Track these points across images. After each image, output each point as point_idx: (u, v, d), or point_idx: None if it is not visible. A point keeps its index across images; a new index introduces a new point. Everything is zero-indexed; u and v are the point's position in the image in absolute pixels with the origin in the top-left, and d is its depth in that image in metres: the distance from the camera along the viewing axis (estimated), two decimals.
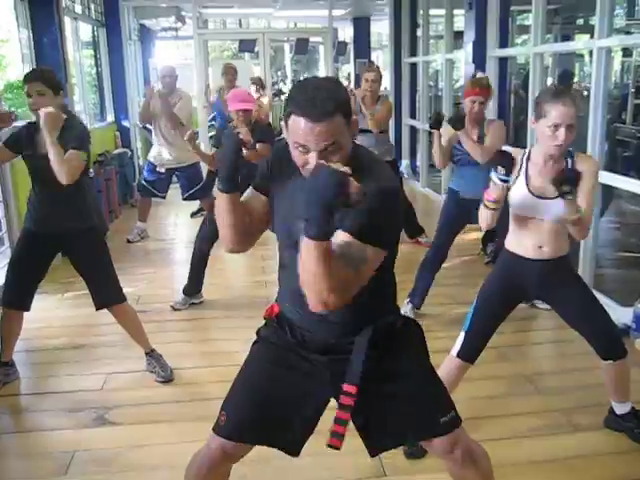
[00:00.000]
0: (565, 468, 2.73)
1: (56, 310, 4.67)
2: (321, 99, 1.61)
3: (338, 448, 1.90)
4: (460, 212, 4.26)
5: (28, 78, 3.21)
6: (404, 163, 9.43)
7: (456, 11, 7.69)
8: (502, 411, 3.18)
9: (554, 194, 2.55)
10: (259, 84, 8.29)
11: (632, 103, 9.51)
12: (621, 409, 2.95)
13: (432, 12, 8.91)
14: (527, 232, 2.74)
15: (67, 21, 7.26)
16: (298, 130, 1.62)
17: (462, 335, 2.82)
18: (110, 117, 8.97)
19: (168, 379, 3.55)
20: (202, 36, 9.39)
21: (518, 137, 6.75)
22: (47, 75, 3.24)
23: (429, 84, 9.30)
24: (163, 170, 6.37)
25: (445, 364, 2.82)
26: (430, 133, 4.86)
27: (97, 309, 3.53)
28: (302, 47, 13.37)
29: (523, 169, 2.68)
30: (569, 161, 2.62)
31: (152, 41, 12.41)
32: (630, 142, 8.27)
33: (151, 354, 3.64)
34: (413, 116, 9.45)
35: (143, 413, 3.23)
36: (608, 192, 5.06)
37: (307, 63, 19.42)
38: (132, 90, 9.37)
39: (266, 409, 1.96)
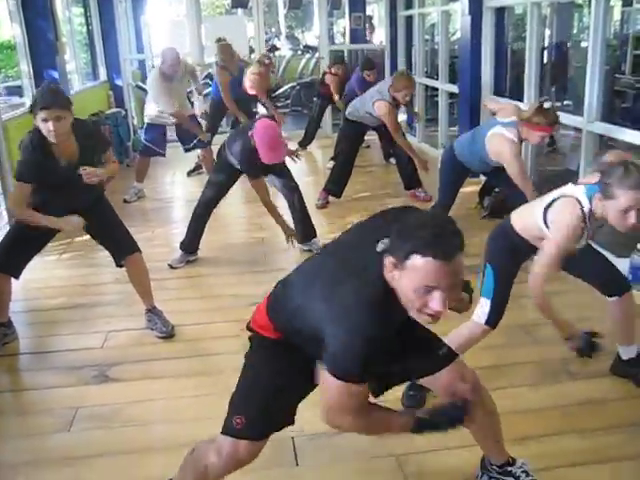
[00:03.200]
0: (565, 415, 2.77)
1: (54, 271, 4.68)
2: (450, 232, 1.57)
3: None
4: (460, 171, 4.36)
5: (45, 106, 3.01)
6: (400, 117, 9.35)
7: None
8: (500, 361, 3.21)
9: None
10: (268, 60, 8.17)
11: (631, 54, 9.40)
12: (627, 353, 2.98)
13: None
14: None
15: None
16: (431, 272, 1.54)
17: (487, 303, 2.80)
18: (102, 76, 8.85)
19: (169, 335, 3.58)
20: None
21: (514, 91, 6.66)
22: (62, 97, 3.13)
23: (425, 38, 9.16)
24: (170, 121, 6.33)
25: (466, 330, 2.84)
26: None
27: (118, 264, 3.57)
28: (296, 1, 13.14)
29: (587, 233, 2.59)
30: None
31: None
32: (628, 93, 8.19)
33: (152, 310, 3.66)
34: (410, 70, 9.32)
35: (143, 370, 3.26)
36: None
37: (302, 18, 19.10)
38: (124, 48, 9.22)
39: (278, 398, 1.97)
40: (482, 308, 2.81)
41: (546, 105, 3.85)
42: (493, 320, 2.81)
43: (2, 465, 2.58)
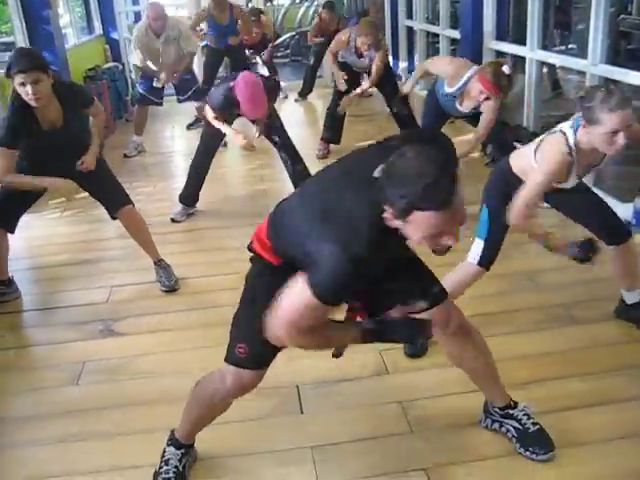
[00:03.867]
0: (568, 359, 2.78)
1: (57, 228, 4.68)
2: (447, 176, 1.50)
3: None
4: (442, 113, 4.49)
5: (20, 69, 2.94)
6: (401, 65, 9.22)
7: None
8: (503, 308, 3.22)
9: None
10: (257, 15, 8.05)
11: None
12: (631, 298, 2.98)
13: None
14: None
15: None
16: (435, 224, 1.51)
17: (480, 243, 2.81)
18: (98, 30, 8.70)
19: (172, 288, 3.59)
20: None
21: (517, 35, 6.51)
22: (37, 59, 3.06)
23: None
24: (160, 85, 6.26)
25: (462, 270, 2.86)
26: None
27: (113, 216, 3.56)
28: None
29: (574, 168, 2.56)
30: None
31: None
32: (634, 34, 8.03)
33: (159, 263, 3.67)
34: (410, 16, 9.13)
35: (150, 323, 3.28)
36: None
37: None
38: (119, 0, 9.04)
39: None
40: (475, 248, 2.82)
41: (504, 68, 3.85)
42: (485, 261, 2.82)
43: (9, 419, 2.62)
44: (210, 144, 4.53)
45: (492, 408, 2.32)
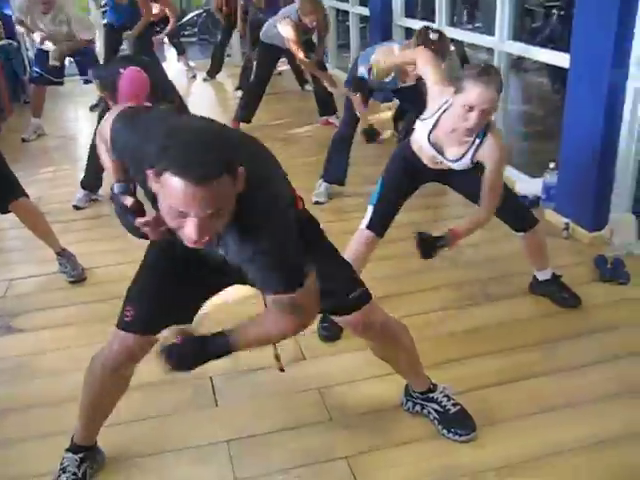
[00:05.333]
0: (484, 337, 2.78)
1: None
2: (204, 156, 1.32)
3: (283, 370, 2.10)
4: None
5: None
6: None
7: None
8: (419, 286, 3.19)
9: (453, 158, 2.56)
10: None
11: None
12: (542, 276, 3.02)
13: None
14: (424, 154, 2.72)
15: None
16: (175, 193, 1.33)
17: (370, 208, 2.81)
18: None
19: (80, 278, 3.40)
20: None
21: (426, 12, 6.53)
22: None
23: None
24: (57, 63, 5.90)
25: (355, 239, 2.83)
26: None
27: (3, 211, 3.27)
28: None
29: (435, 117, 2.54)
30: (477, 141, 2.48)
31: None
32: (537, 11, 8.22)
33: (62, 253, 3.45)
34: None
35: (51, 317, 3.08)
36: None
37: None
38: None
39: (173, 293, 1.87)
40: (366, 215, 2.81)
41: (432, 35, 3.83)
42: (374, 225, 2.78)
43: None
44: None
45: (413, 392, 2.29)
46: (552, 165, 3.90)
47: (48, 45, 5.83)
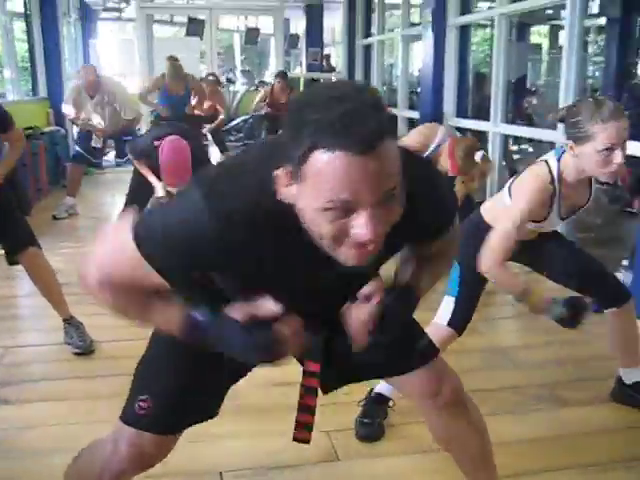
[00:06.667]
0: (556, 446, 2.27)
1: None
2: (363, 114, 0.95)
3: (308, 442, 1.45)
4: None
5: None
6: None
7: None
8: (478, 386, 2.68)
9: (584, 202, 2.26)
10: (213, 85, 7.79)
11: None
12: (631, 377, 2.50)
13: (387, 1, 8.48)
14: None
15: None
16: (336, 175, 0.94)
17: (450, 301, 2.35)
18: (43, 93, 8.28)
19: (87, 350, 3.00)
20: (145, 10, 8.80)
21: (478, 113, 6.34)
22: None
23: (384, 74, 8.88)
24: (99, 145, 5.85)
25: (431, 333, 2.34)
26: None
27: (10, 262, 2.97)
28: (252, 37, 12.87)
29: (556, 202, 2.18)
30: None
31: (94, 21, 11.72)
32: None
33: (70, 321, 3.08)
34: None
35: (44, 390, 2.66)
36: None
37: (259, 55, 18.92)
38: (70, 69, 8.72)
39: (194, 388, 1.44)
40: (445, 307, 2.36)
41: (476, 156, 3.60)
42: (457, 322, 2.34)
43: None
44: (137, 193, 4.06)
45: None
46: (625, 262, 3.47)
47: (92, 126, 5.78)
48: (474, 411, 1.64)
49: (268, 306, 1.13)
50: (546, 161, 2.15)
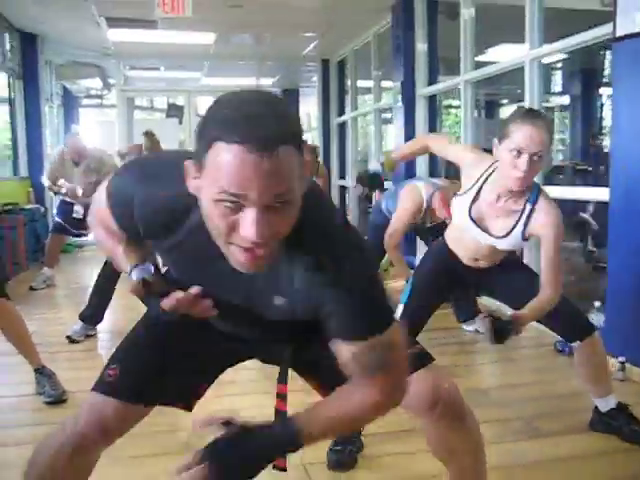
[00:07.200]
0: (537, 474, 2.25)
1: None
2: (267, 117, 1.00)
3: (284, 469, 1.33)
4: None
5: None
6: None
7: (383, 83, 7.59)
8: None
9: (499, 234, 2.23)
10: None
11: None
12: (606, 405, 2.49)
13: (360, 84, 8.81)
14: (463, 244, 2.41)
15: None
16: (229, 167, 0.98)
17: (400, 307, 2.46)
18: (24, 172, 8.39)
19: (58, 399, 2.93)
20: (125, 93, 9.05)
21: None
22: None
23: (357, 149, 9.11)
24: (80, 216, 5.87)
25: None
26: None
27: None
28: None
29: (476, 187, 2.25)
30: (527, 207, 2.16)
31: (75, 108, 12.00)
32: None
33: (41, 370, 3.02)
34: (343, 176, 9.22)
35: (10, 435, 2.59)
36: None
37: None
38: (51, 151, 8.84)
39: (170, 360, 1.46)
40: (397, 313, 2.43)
41: None
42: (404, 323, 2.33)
43: None
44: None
45: None
46: (597, 304, 3.51)
47: (73, 196, 5.81)
48: (472, 425, 1.59)
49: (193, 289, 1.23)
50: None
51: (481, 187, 2.22)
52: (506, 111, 12.69)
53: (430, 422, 1.56)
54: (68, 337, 3.97)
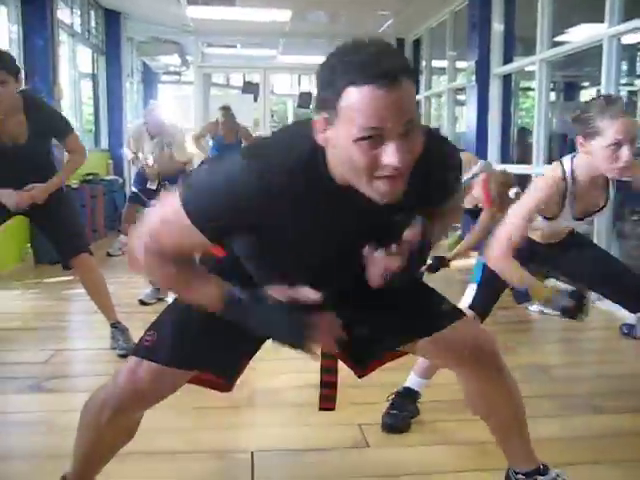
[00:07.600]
0: (595, 445, 2.24)
1: (15, 302, 4.25)
2: (386, 55, 1.12)
3: (333, 408, 1.59)
4: None
5: None
6: None
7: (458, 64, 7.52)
8: None
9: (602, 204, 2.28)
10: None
11: None
12: None
13: (434, 64, 8.73)
14: (549, 232, 2.41)
15: (64, 39, 7.14)
16: (364, 106, 1.08)
17: (472, 287, 2.40)
18: (104, 145, 8.72)
19: (131, 352, 3.08)
20: (202, 69, 9.25)
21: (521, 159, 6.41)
22: (7, 59, 2.79)
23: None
24: (154, 187, 6.08)
25: None
26: None
27: (65, 265, 3.12)
28: (305, 100, 13.25)
29: (568, 199, 2.21)
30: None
31: (155, 84, 12.34)
32: None
33: (116, 325, 3.20)
34: None
35: (84, 383, 2.73)
36: None
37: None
38: (131, 125, 9.15)
39: (210, 332, 1.48)
40: (468, 293, 2.41)
41: (511, 192, 3.63)
42: (478, 304, 2.36)
43: None
44: None
45: (514, 475, 1.75)
46: None
47: (148, 167, 6.03)
48: (509, 377, 1.64)
49: (307, 292, 1.26)
50: (561, 161, 2.21)
51: (573, 191, 2.20)
52: (586, 95, 12.29)
53: (470, 372, 1.59)
54: (140, 300, 4.15)
